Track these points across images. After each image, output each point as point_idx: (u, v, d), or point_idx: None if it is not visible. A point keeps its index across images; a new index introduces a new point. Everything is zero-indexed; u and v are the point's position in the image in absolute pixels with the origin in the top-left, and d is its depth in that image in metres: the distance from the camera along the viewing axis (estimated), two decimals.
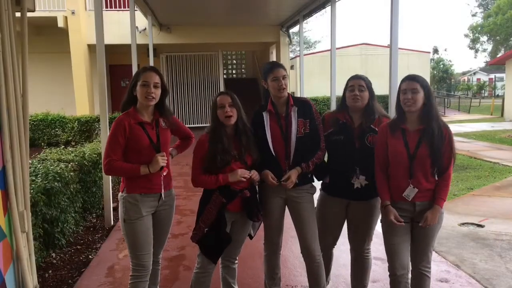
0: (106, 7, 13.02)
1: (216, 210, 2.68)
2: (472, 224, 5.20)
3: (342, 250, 3.60)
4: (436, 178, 2.64)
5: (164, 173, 2.71)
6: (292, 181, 2.77)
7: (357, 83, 2.81)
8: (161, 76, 2.72)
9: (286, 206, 2.96)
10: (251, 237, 2.99)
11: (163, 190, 2.73)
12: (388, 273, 2.77)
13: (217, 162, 2.66)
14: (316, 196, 3.05)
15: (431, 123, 2.57)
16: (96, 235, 4.88)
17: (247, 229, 2.90)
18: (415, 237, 2.70)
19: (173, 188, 2.91)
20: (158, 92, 2.66)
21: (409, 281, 2.73)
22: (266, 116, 2.88)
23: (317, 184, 3.03)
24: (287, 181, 2.77)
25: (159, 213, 2.80)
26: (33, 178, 4.08)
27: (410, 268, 2.73)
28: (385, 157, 2.69)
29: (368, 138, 2.81)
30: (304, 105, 2.90)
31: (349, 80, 2.89)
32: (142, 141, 2.63)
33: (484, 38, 42.70)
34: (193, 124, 15.99)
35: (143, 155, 2.63)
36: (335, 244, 3.12)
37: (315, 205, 3.02)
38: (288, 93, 2.92)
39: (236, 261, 2.98)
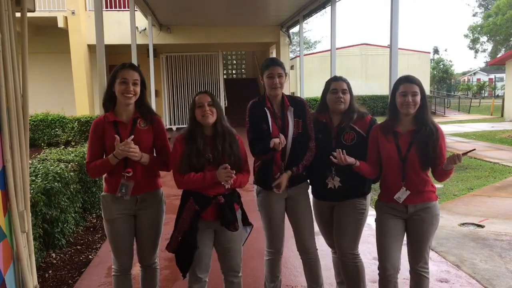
0: (106, 7, 13.04)
1: (190, 218, 2.55)
2: (472, 224, 5.19)
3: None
4: (430, 178, 2.66)
5: (128, 174, 2.58)
6: (282, 187, 2.77)
7: (340, 86, 2.80)
8: (141, 72, 2.64)
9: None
10: None
11: (123, 192, 2.58)
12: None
13: (192, 164, 2.53)
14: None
15: (425, 124, 2.58)
16: (96, 235, 4.88)
17: (236, 237, 2.68)
18: (410, 238, 2.70)
19: (159, 191, 2.76)
20: (137, 89, 2.60)
21: (398, 281, 2.73)
22: (268, 112, 2.85)
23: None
24: (279, 187, 2.77)
25: (140, 217, 2.68)
26: (33, 178, 4.09)
27: (400, 269, 2.73)
28: (376, 157, 2.71)
29: (344, 136, 2.79)
30: (298, 105, 2.90)
31: (330, 82, 2.87)
32: (112, 141, 2.53)
33: (484, 38, 42.73)
34: None
35: None
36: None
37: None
38: (283, 94, 2.89)
39: (240, 274, 2.77)
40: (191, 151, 2.56)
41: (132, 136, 2.51)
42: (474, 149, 2.62)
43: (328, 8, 9.78)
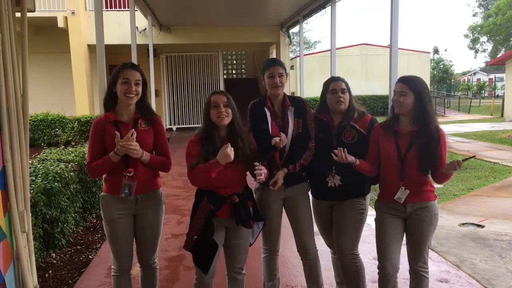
0: (106, 7, 13.03)
1: (205, 217, 2.56)
2: (472, 224, 5.19)
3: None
4: (430, 178, 2.66)
5: (130, 174, 2.58)
6: (279, 185, 2.77)
7: (339, 86, 2.82)
8: (142, 72, 2.63)
9: (283, 207, 2.97)
10: (249, 245, 2.84)
11: (127, 193, 2.58)
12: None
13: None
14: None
15: (422, 127, 2.58)
16: (96, 235, 4.88)
17: (246, 234, 2.71)
18: (409, 238, 2.71)
19: (158, 191, 2.77)
20: (139, 89, 2.60)
21: (398, 281, 2.73)
22: (267, 112, 2.87)
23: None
24: (275, 185, 2.76)
25: (139, 217, 2.69)
26: (33, 178, 4.08)
27: (400, 268, 2.73)
28: (375, 156, 2.73)
29: (345, 134, 2.81)
30: (299, 105, 2.91)
31: (329, 82, 2.89)
32: (113, 140, 2.51)
33: (484, 38, 42.74)
34: (193, 124, 16.01)
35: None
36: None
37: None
38: (284, 93, 2.91)
39: (243, 271, 2.77)
40: (208, 152, 2.52)
41: (133, 130, 2.50)
42: (474, 156, 2.60)
43: (328, 8, 9.78)
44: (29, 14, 2.44)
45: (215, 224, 2.59)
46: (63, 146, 6.53)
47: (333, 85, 2.85)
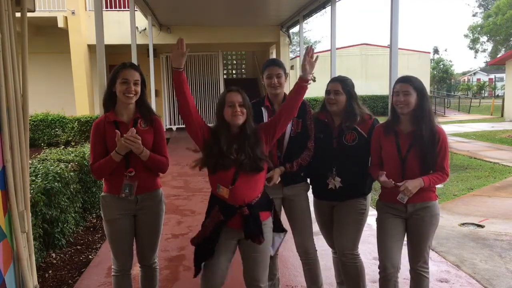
0: (106, 7, 13.03)
1: (213, 226, 2.44)
2: (472, 224, 5.19)
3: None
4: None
5: (131, 174, 2.58)
6: (274, 181, 2.75)
7: (333, 88, 2.82)
8: (141, 72, 2.63)
9: (282, 206, 2.97)
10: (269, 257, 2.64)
11: (127, 192, 2.58)
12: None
13: (215, 164, 2.42)
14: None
15: (421, 126, 2.57)
16: (96, 235, 4.88)
17: (262, 248, 2.49)
18: (410, 237, 2.71)
19: (158, 191, 2.75)
20: (138, 89, 2.59)
21: (399, 280, 2.74)
22: (264, 112, 2.89)
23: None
24: (270, 181, 2.74)
25: (139, 217, 2.69)
26: (33, 178, 4.08)
27: (400, 268, 2.73)
28: (379, 159, 2.73)
29: (346, 136, 2.80)
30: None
31: (328, 83, 2.90)
32: (113, 140, 2.50)
33: (484, 38, 42.75)
34: None
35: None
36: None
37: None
38: (284, 93, 2.92)
39: (262, 285, 2.53)
40: (215, 151, 2.43)
41: (133, 129, 2.49)
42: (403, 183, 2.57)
43: (328, 8, 9.78)
44: (29, 14, 2.44)
45: (226, 235, 2.46)
46: (63, 146, 6.52)
47: (328, 86, 2.87)
